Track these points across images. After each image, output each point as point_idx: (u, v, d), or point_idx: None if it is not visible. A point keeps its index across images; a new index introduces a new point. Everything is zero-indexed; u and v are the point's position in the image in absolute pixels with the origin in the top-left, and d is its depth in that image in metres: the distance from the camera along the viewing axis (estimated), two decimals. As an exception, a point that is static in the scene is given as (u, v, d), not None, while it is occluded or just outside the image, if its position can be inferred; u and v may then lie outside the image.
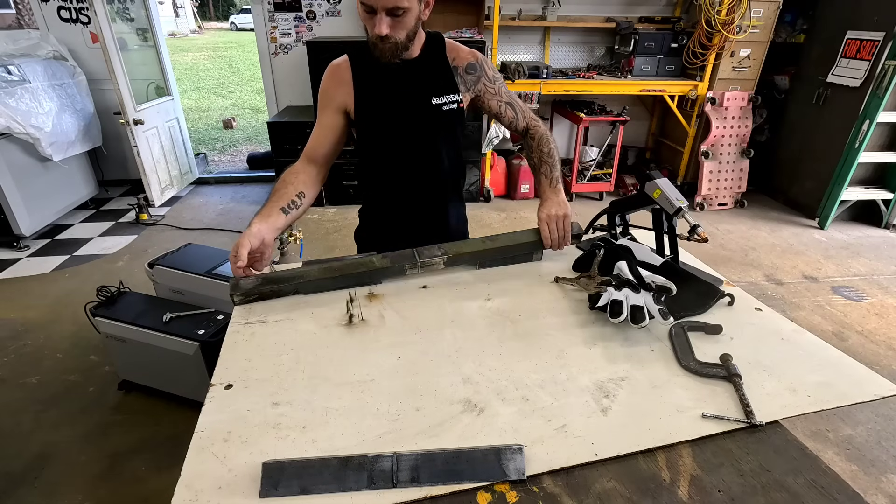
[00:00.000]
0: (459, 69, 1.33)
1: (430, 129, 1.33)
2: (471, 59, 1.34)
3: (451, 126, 1.36)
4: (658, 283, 1.05)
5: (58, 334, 2.60)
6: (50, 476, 1.84)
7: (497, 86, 1.39)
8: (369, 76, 1.29)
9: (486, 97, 1.38)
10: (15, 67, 3.47)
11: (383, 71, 1.27)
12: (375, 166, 1.40)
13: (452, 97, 1.31)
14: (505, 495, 0.70)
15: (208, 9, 30.78)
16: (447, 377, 0.91)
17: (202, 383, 1.87)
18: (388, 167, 1.38)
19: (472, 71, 1.34)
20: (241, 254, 1.08)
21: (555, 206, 1.32)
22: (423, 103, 1.30)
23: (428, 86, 1.30)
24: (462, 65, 1.33)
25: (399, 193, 1.41)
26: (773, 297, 3.09)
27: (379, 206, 1.47)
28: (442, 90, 1.30)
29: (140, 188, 4.24)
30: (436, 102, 1.30)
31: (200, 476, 0.71)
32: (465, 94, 1.34)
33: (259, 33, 4.28)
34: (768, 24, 4.05)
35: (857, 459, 1.95)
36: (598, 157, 4.52)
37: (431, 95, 1.30)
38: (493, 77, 1.38)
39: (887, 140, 3.99)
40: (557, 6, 4.28)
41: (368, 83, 1.29)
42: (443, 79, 1.31)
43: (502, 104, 1.40)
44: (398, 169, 1.38)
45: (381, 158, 1.38)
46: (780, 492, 0.71)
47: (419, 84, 1.29)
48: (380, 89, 1.29)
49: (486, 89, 1.37)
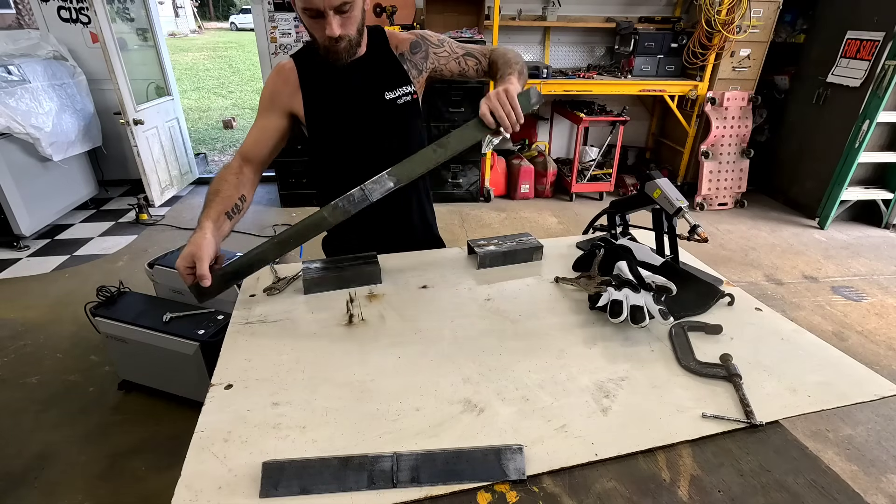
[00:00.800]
0: (406, 54, 1.30)
1: (386, 125, 1.30)
2: (410, 38, 1.31)
3: (406, 120, 1.32)
4: (658, 283, 1.05)
5: (58, 334, 2.60)
6: (50, 476, 1.84)
7: (447, 46, 1.34)
8: (317, 78, 1.25)
9: (442, 63, 1.33)
10: (15, 67, 3.47)
11: (331, 71, 1.24)
12: (332, 169, 1.36)
13: (405, 89, 1.28)
14: (505, 495, 0.70)
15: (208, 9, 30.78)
16: (447, 377, 0.91)
17: (202, 383, 1.87)
18: (346, 169, 1.33)
19: (417, 49, 1.31)
20: (204, 270, 1.01)
21: (500, 84, 1.11)
22: (376, 100, 1.27)
23: (379, 81, 1.27)
24: (406, 48, 1.30)
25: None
26: (773, 297, 3.09)
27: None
28: (393, 83, 1.28)
29: (140, 188, 4.24)
30: (389, 97, 1.27)
31: (200, 476, 0.71)
32: (417, 80, 1.31)
33: (259, 33, 4.28)
34: (768, 24, 4.05)
35: (857, 459, 1.95)
36: (598, 157, 4.52)
37: (384, 90, 1.27)
38: (439, 42, 1.34)
39: (887, 140, 3.99)
40: (557, 6, 4.28)
41: (317, 86, 1.25)
42: (392, 71, 1.28)
43: (460, 59, 1.34)
44: (356, 170, 1.29)
45: (338, 161, 1.34)
46: (780, 492, 0.71)
47: (370, 80, 1.26)
48: (330, 91, 1.25)
49: (437, 57, 1.33)
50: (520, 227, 4.04)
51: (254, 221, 4.05)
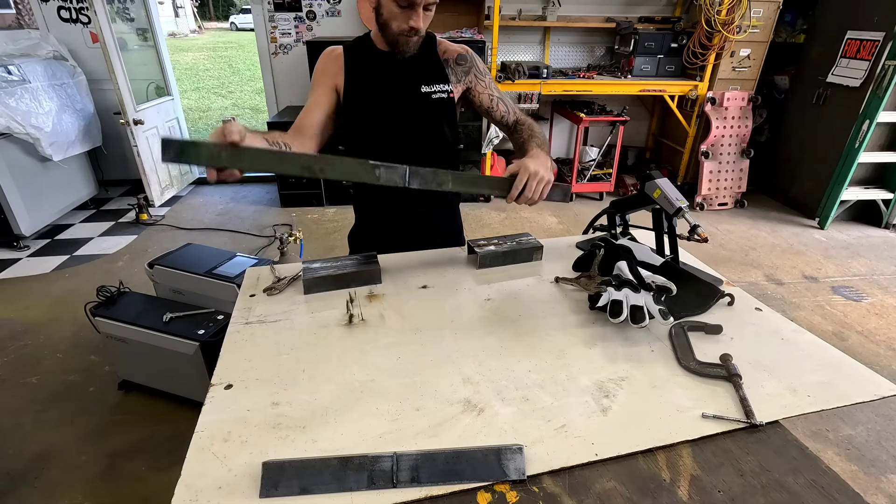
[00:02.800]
0: (450, 61, 1.35)
1: (418, 117, 1.34)
2: (460, 51, 1.36)
3: (440, 114, 1.36)
4: (658, 283, 1.05)
5: (58, 334, 2.60)
6: (50, 476, 1.84)
7: (487, 80, 1.40)
8: (361, 65, 1.31)
9: (478, 89, 1.39)
10: (15, 67, 3.47)
11: (375, 63, 1.30)
12: (364, 153, 1.37)
13: (442, 87, 1.33)
14: (505, 495, 0.70)
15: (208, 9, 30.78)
16: (447, 377, 0.91)
17: (202, 383, 1.88)
18: (377, 154, 1.29)
19: (463, 62, 1.35)
20: (234, 129, 0.90)
21: (540, 164, 1.13)
22: (412, 92, 1.31)
23: (417, 75, 1.31)
24: (452, 56, 1.35)
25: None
26: (773, 297, 3.09)
27: (368, 199, 1.47)
28: (431, 79, 1.32)
29: (140, 188, 4.24)
30: (425, 91, 1.31)
31: (200, 476, 0.71)
32: (455, 86, 1.35)
33: (259, 33, 4.28)
34: (768, 24, 4.05)
35: (857, 459, 1.95)
36: (598, 157, 4.52)
37: (421, 84, 1.31)
38: (484, 71, 1.40)
39: (887, 140, 4.00)
40: (557, 6, 4.28)
41: (360, 73, 1.31)
42: (432, 69, 1.33)
43: (494, 98, 1.40)
44: (386, 155, 1.28)
45: (369, 147, 1.34)
46: (780, 492, 0.71)
47: (409, 74, 1.31)
48: (370, 76, 1.31)
49: (477, 81, 1.38)
50: (520, 227, 4.04)
51: (254, 221, 4.05)
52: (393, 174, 1.09)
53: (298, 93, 4.48)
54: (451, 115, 1.39)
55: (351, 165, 1.07)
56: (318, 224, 3.99)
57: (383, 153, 1.30)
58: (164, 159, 0.89)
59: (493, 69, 4.00)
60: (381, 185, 1.11)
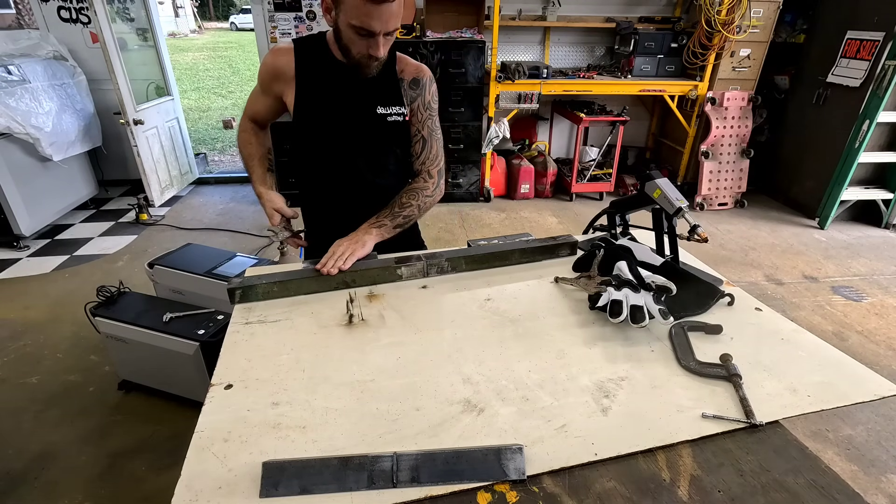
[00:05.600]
0: (405, 82, 1.30)
1: (373, 138, 1.32)
2: (417, 74, 1.31)
3: (393, 137, 1.33)
4: (658, 283, 1.05)
5: (58, 334, 2.60)
6: (50, 476, 1.84)
7: (425, 115, 1.34)
8: (314, 74, 1.26)
9: (413, 121, 1.33)
10: (15, 67, 3.47)
11: (329, 71, 1.24)
12: (314, 168, 1.39)
13: (398, 109, 1.29)
14: (505, 495, 0.70)
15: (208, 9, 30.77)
16: (447, 377, 0.91)
17: (202, 383, 1.88)
18: (328, 171, 1.36)
19: (415, 86, 1.31)
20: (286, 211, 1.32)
21: (358, 236, 1.25)
22: (367, 112, 1.28)
23: (374, 95, 1.28)
24: (408, 78, 1.30)
25: (344, 198, 1.39)
26: (773, 297, 3.09)
27: (319, 209, 1.46)
28: (388, 101, 1.29)
29: (140, 188, 4.24)
30: (380, 112, 1.28)
31: (200, 476, 0.71)
32: (408, 108, 1.31)
33: (259, 33, 4.28)
34: (768, 24, 4.05)
35: (857, 459, 1.95)
36: (598, 157, 4.52)
37: (377, 105, 1.28)
38: (429, 104, 1.34)
39: (887, 140, 3.99)
40: (557, 6, 4.28)
41: (312, 82, 1.26)
42: (389, 89, 1.29)
43: (418, 135, 1.35)
44: (338, 175, 1.35)
45: (321, 162, 1.36)
46: (780, 492, 0.71)
47: (365, 92, 1.27)
48: (323, 91, 1.26)
49: (416, 111, 1.33)
50: (520, 227, 4.04)
51: (254, 221, 4.05)
52: (413, 269, 1.25)
53: (298, 93, 4.47)
54: (405, 137, 1.35)
55: (377, 270, 1.22)
56: (318, 224, 3.98)
57: (333, 170, 1.36)
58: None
59: (493, 69, 4.00)
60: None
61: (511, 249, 1.30)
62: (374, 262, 1.23)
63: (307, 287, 1.17)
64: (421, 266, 1.23)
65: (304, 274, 1.18)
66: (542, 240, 1.37)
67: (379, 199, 1.36)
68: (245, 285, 1.14)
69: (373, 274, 1.20)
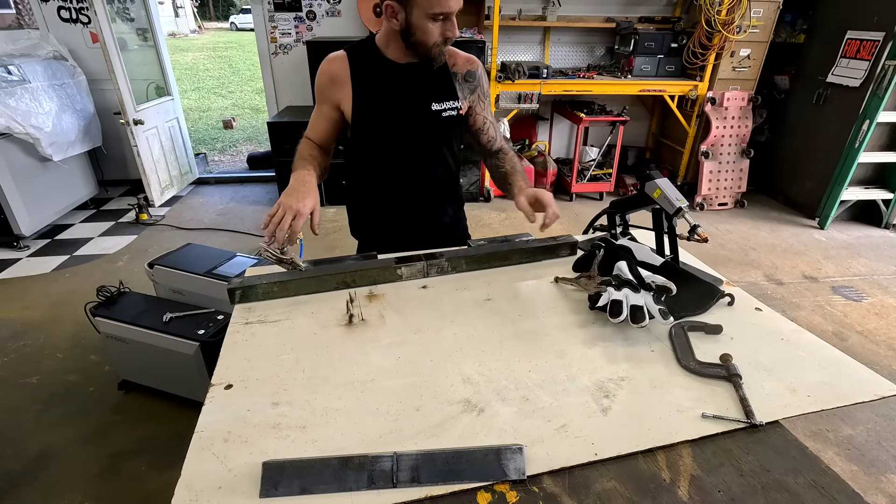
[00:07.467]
0: (459, 76, 1.33)
1: (429, 135, 1.34)
2: (470, 66, 1.34)
3: (448, 133, 1.36)
4: (658, 283, 1.05)
5: (58, 334, 2.60)
6: (50, 476, 1.84)
7: (486, 102, 1.40)
8: (369, 77, 1.28)
9: (477, 110, 1.38)
10: (15, 67, 3.47)
11: (383, 72, 1.27)
12: (370, 167, 1.40)
13: (452, 104, 1.31)
14: (505, 495, 0.70)
15: (208, 9, 30.77)
16: (447, 377, 0.91)
17: (202, 383, 1.87)
18: (385, 169, 1.38)
19: (471, 79, 1.34)
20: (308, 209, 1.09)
21: (538, 189, 1.24)
22: (423, 109, 1.30)
23: (428, 91, 1.29)
24: (462, 71, 1.33)
25: (395, 195, 1.41)
26: (773, 297, 3.09)
27: (373, 207, 1.47)
28: (442, 96, 1.30)
29: (140, 188, 4.24)
30: (435, 108, 1.30)
31: (200, 476, 0.71)
32: (463, 102, 1.34)
33: (259, 33, 4.28)
34: (768, 24, 4.05)
35: (857, 459, 1.95)
36: (598, 157, 4.51)
37: (431, 101, 1.29)
38: (487, 92, 1.39)
39: (887, 140, 3.99)
40: (557, 6, 4.28)
41: (368, 84, 1.28)
42: (443, 84, 1.31)
43: (487, 122, 1.40)
44: (395, 172, 1.38)
45: (378, 160, 1.37)
46: (780, 492, 0.71)
47: (419, 89, 1.29)
48: (379, 92, 1.28)
49: (478, 102, 1.37)
50: (520, 227, 4.03)
51: (254, 221, 4.05)
52: (413, 269, 1.23)
53: (298, 93, 4.48)
54: (458, 132, 1.40)
55: (377, 270, 1.21)
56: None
57: (389, 170, 1.37)
58: None
59: (493, 69, 4.00)
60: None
61: (511, 249, 1.30)
62: (374, 262, 1.23)
63: (307, 287, 1.17)
64: (421, 266, 1.23)
65: (309, 273, 1.17)
66: (542, 240, 1.37)
67: (431, 191, 1.42)
68: (245, 285, 1.14)
69: (373, 274, 1.21)
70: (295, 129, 3.99)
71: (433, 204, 1.46)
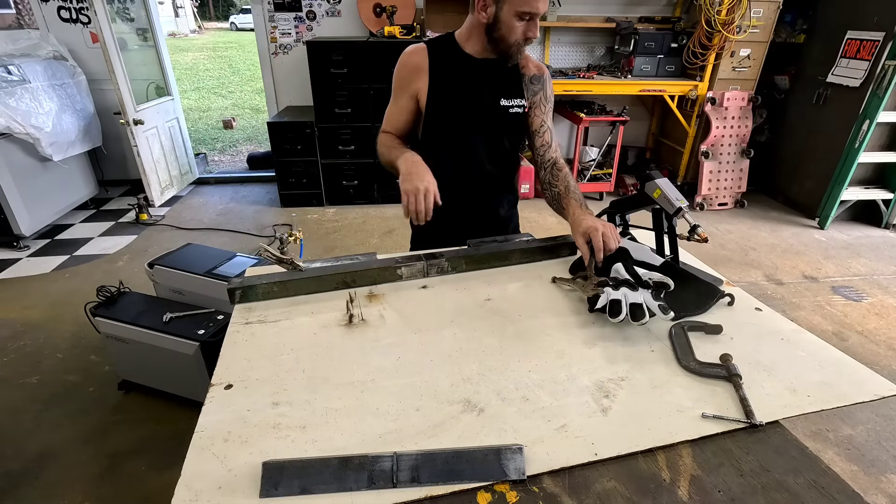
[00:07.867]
0: (526, 77, 1.39)
1: (496, 128, 1.40)
2: (537, 71, 1.41)
3: (513, 129, 1.42)
4: (655, 280, 1.05)
5: (58, 334, 2.60)
6: (50, 476, 1.84)
7: (547, 107, 1.44)
8: (446, 68, 1.34)
9: (536, 112, 1.43)
10: (15, 67, 3.47)
11: (459, 65, 1.34)
12: (439, 156, 1.42)
13: (519, 101, 1.38)
14: (505, 495, 0.70)
15: (208, 9, 30.76)
16: (447, 377, 0.91)
17: (202, 383, 1.87)
18: (452, 159, 1.43)
19: (537, 82, 1.41)
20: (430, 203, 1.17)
21: (597, 220, 1.21)
22: (492, 103, 1.36)
23: (499, 87, 1.36)
24: (529, 73, 1.40)
25: (459, 184, 1.45)
26: (773, 297, 3.09)
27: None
28: (511, 93, 1.37)
29: (140, 188, 4.24)
30: (504, 104, 1.37)
31: (200, 476, 0.71)
32: (526, 102, 1.40)
33: (259, 33, 4.28)
34: (768, 24, 4.05)
35: (857, 459, 1.95)
36: (598, 157, 4.51)
37: (500, 97, 1.36)
38: (549, 97, 1.44)
39: (887, 140, 3.99)
40: (557, 6, 4.28)
41: (444, 75, 1.34)
42: (512, 83, 1.38)
43: (545, 125, 1.44)
44: (462, 161, 1.43)
45: (447, 150, 1.42)
46: (780, 492, 0.71)
47: (491, 84, 1.36)
48: (454, 83, 1.34)
49: (539, 104, 1.42)
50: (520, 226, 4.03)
51: (254, 221, 4.05)
52: (413, 269, 1.24)
53: (298, 93, 4.48)
54: (521, 129, 1.44)
55: (377, 270, 1.21)
56: (319, 224, 3.99)
57: (456, 159, 1.42)
58: None
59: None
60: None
61: (511, 249, 1.30)
62: (374, 262, 1.23)
63: (307, 287, 1.17)
64: (421, 266, 1.23)
65: (309, 273, 1.18)
66: (542, 240, 1.37)
67: (488, 185, 1.48)
68: (245, 285, 1.14)
69: (373, 274, 1.21)
70: (295, 129, 3.99)
71: (493, 195, 1.52)
